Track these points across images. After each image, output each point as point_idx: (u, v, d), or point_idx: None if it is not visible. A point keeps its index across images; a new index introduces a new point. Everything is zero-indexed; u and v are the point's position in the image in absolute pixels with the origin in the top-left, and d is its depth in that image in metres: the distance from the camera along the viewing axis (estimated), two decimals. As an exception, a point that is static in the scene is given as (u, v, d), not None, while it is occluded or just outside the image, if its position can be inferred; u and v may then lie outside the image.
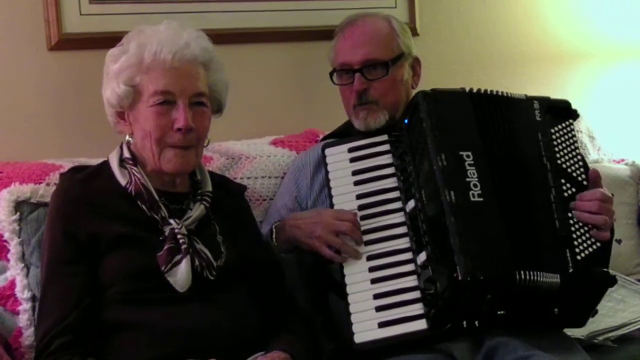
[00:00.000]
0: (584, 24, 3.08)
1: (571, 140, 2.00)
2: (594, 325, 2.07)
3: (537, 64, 3.01)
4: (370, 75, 2.08)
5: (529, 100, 2.03)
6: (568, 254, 1.87)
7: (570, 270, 1.86)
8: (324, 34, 2.35)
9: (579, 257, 1.87)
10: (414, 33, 2.66)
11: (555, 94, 2.10)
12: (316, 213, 1.99)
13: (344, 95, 2.15)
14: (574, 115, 2.05)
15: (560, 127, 2.01)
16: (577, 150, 2.00)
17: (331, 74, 2.15)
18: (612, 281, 1.90)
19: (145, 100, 1.81)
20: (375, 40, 2.11)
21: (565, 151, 1.98)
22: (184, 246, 1.80)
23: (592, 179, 1.96)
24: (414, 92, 2.18)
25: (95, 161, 1.98)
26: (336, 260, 1.92)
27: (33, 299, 1.92)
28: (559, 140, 1.99)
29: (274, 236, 2.03)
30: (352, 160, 2.02)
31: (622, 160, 2.83)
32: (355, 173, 2.01)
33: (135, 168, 1.85)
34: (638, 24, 3.11)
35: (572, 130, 2.02)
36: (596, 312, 1.95)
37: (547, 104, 2.03)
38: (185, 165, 1.85)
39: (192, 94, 1.83)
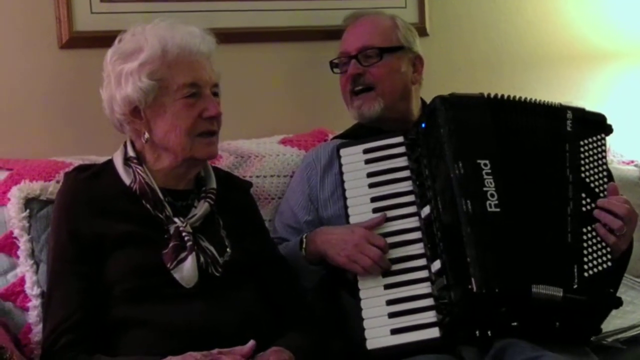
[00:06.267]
0: (596, 24, 3.07)
1: (600, 155, 1.96)
2: (603, 326, 2.05)
3: (547, 65, 2.99)
4: (366, 61, 2.14)
5: (562, 109, 1.99)
6: (575, 269, 1.84)
7: (575, 287, 1.83)
8: (333, 34, 2.36)
9: (586, 274, 1.84)
10: (424, 33, 2.66)
11: (566, 96, 2.10)
12: (349, 230, 1.95)
13: (341, 85, 2.20)
14: (608, 130, 2.01)
15: (590, 140, 1.97)
16: (605, 166, 1.96)
17: (332, 66, 2.21)
18: (616, 303, 1.88)
19: (172, 94, 1.83)
20: (373, 30, 2.18)
21: (591, 165, 1.94)
22: (189, 244, 1.81)
23: (611, 193, 1.93)
24: (414, 87, 2.20)
25: (105, 159, 1.98)
26: (362, 275, 1.90)
27: (42, 295, 1.92)
28: (586, 154, 1.95)
29: (303, 246, 2.01)
30: (368, 161, 2.01)
31: (632, 161, 2.82)
32: (370, 175, 2.00)
33: (139, 167, 1.86)
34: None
35: (603, 145, 1.97)
36: (600, 330, 1.93)
37: (581, 115, 1.99)
38: (216, 150, 1.90)
39: (212, 84, 1.87)
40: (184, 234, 1.82)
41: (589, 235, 1.88)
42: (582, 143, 1.96)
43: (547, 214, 1.89)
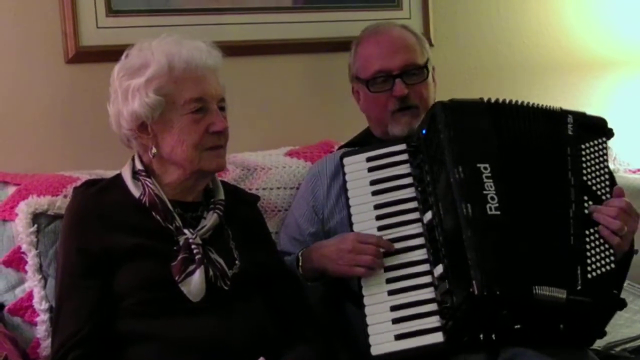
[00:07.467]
0: (598, 32, 3.08)
1: (601, 159, 1.96)
2: (610, 336, 2.06)
3: (550, 74, 3.00)
4: (410, 80, 2.13)
5: (563, 113, 2.00)
6: (579, 271, 1.84)
7: (578, 288, 1.83)
8: (339, 46, 2.37)
9: (589, 276, 1.84)
10: (429, 43, 2.66)
11: (569, 104, 2.09)
12: (340, 239, 1.97)
13: (379, 103, 2.15)
14: (609, 133, 2.01)
15: (591, 143, 1.97)
16: (606, 169, 1.96)
17: (366, 83, 2.16)
18: (620, 304, 1.87)
19: (179, 109, 1.84)
20: (408, 46, 2.16)
21: (593, 168, 1.95)
22: (198, 256, 1.81)
23: (616, 195, 1.93)
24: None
25: (111, 173, 1.99)
26: (366, 275, 1.91)
27: (51, 310, 1.93)
28: (588, 157, 1.95)
29: (299, 264, 2.02)
30: (370, 169, 2.02)
31: (638, 170, 2.82)
32: (373, 183, 2.00)
33: (148, 179, 1.87)
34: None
35: (604, 148, 1.98)
36: (605, 333, 1.92)
37: (582, 119, 2.00)
38: (223, 162, 1.91)
39: (218, 99, 1.88)
40: (193, 246, 1.82)
41: (592, 237, 1.88)
42: (583, 147, 1.97)
43: (549, 216, 1.89)
